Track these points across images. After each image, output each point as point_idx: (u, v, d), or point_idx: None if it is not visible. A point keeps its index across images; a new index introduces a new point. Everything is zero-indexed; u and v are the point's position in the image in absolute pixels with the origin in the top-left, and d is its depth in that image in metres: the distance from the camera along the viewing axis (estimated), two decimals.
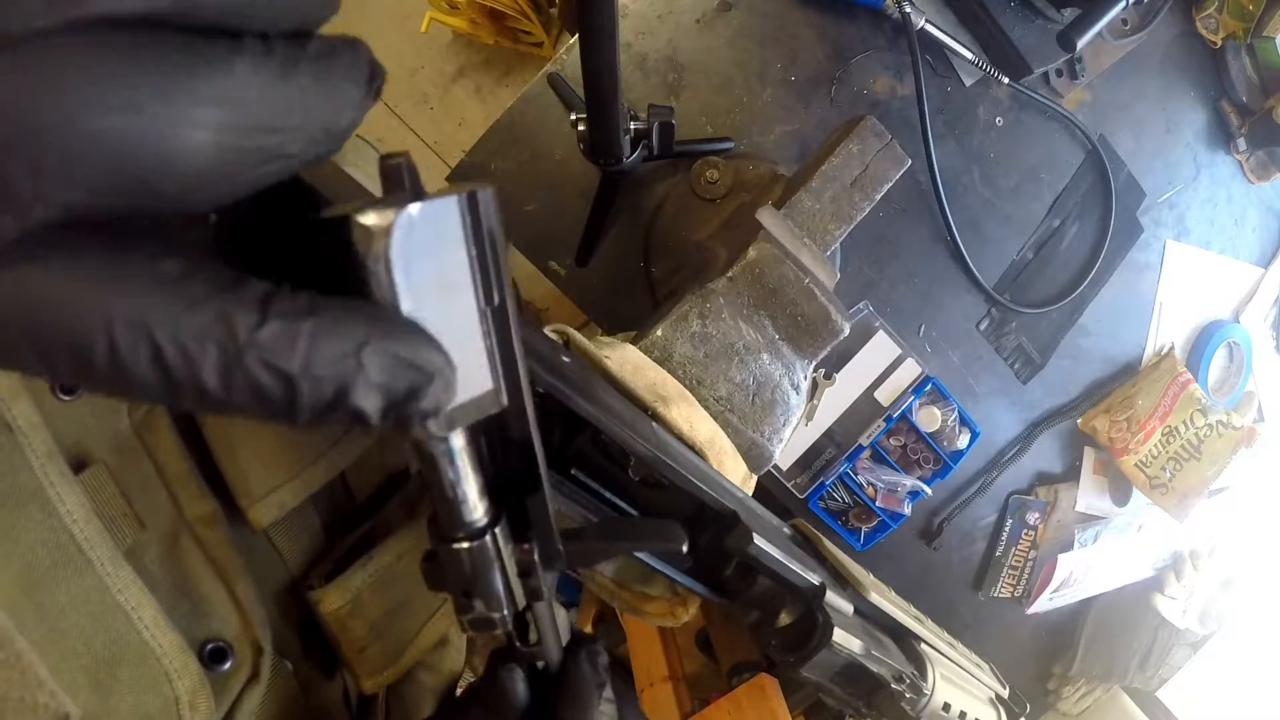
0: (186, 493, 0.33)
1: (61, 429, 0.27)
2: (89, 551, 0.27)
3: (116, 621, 0.27)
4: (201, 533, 0.33)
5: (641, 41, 0.68)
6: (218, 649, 0.32)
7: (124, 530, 0.29)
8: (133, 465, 0.31)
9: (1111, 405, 0.86)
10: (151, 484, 0.31)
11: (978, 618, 0.90)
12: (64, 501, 0.26)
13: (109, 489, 0.29)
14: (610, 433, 0.32)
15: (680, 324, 0.45)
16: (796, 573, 0.36)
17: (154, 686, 0.28)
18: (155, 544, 0.31)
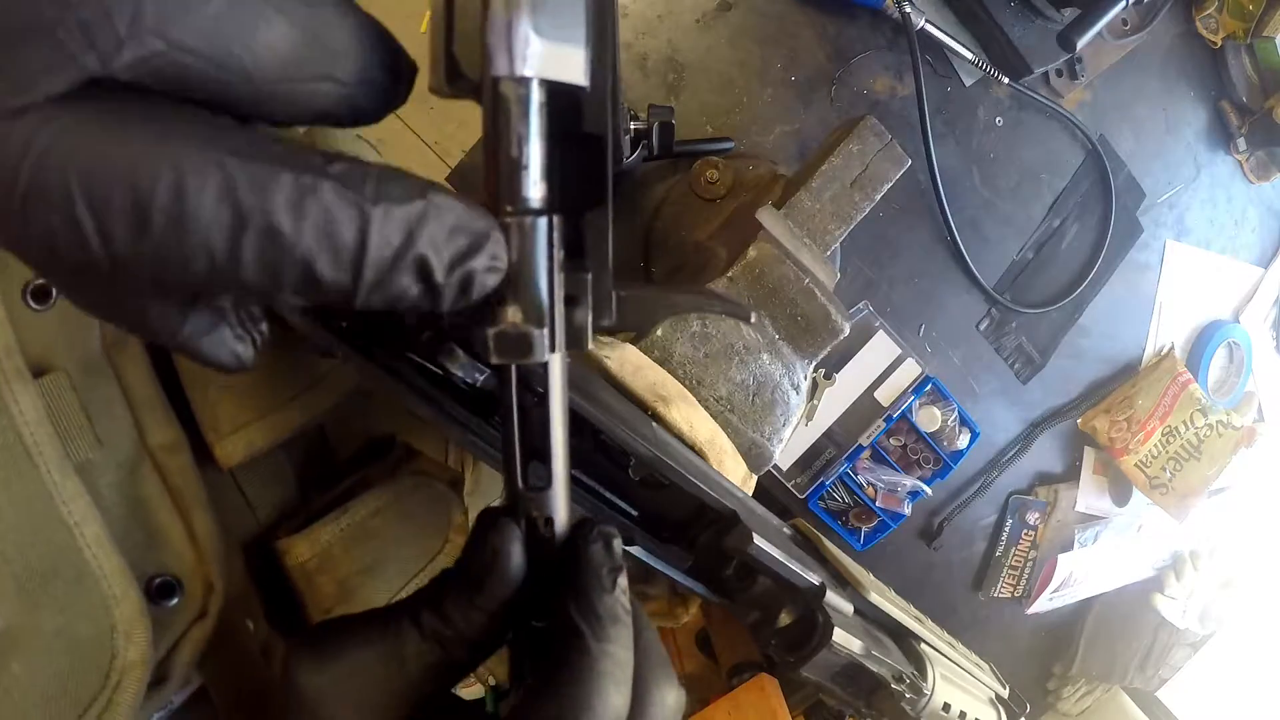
0: (151, 418, 0.31)
1: (28, 336, 0.26)
2: (36, 456, 0.25)
3: (57, 534, 0.26)
4: (163, 460, 0.31)
5: (641, 41, 0.68)
6: (166, 583, 0.30)
7: (79, 444, 0.28)
8: (98, 384, 0.29)
9: (1111, 405, 0.86)
10: (116, 406, 0.30)
11: (977, 618, 0.90)
12: (17, 401, 0.25)
13: (68, 398, 0.27)
14: (610, 433, 0.32)
15: (680, 324, 0.45)
16: (796, 573, 0.36)
17: (88, 610, 0.26)
18: (113, 469, 0.29)
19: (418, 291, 0.16)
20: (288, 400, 0.36)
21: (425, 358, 0.31)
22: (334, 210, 0.14)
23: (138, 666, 0.27)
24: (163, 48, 0.13)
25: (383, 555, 0.40)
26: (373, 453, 0.45)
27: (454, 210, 0.16)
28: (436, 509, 0.43)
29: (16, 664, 0.25)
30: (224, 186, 0.13)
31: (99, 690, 0.26)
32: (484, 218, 0.17)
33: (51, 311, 0.27)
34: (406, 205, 0.15)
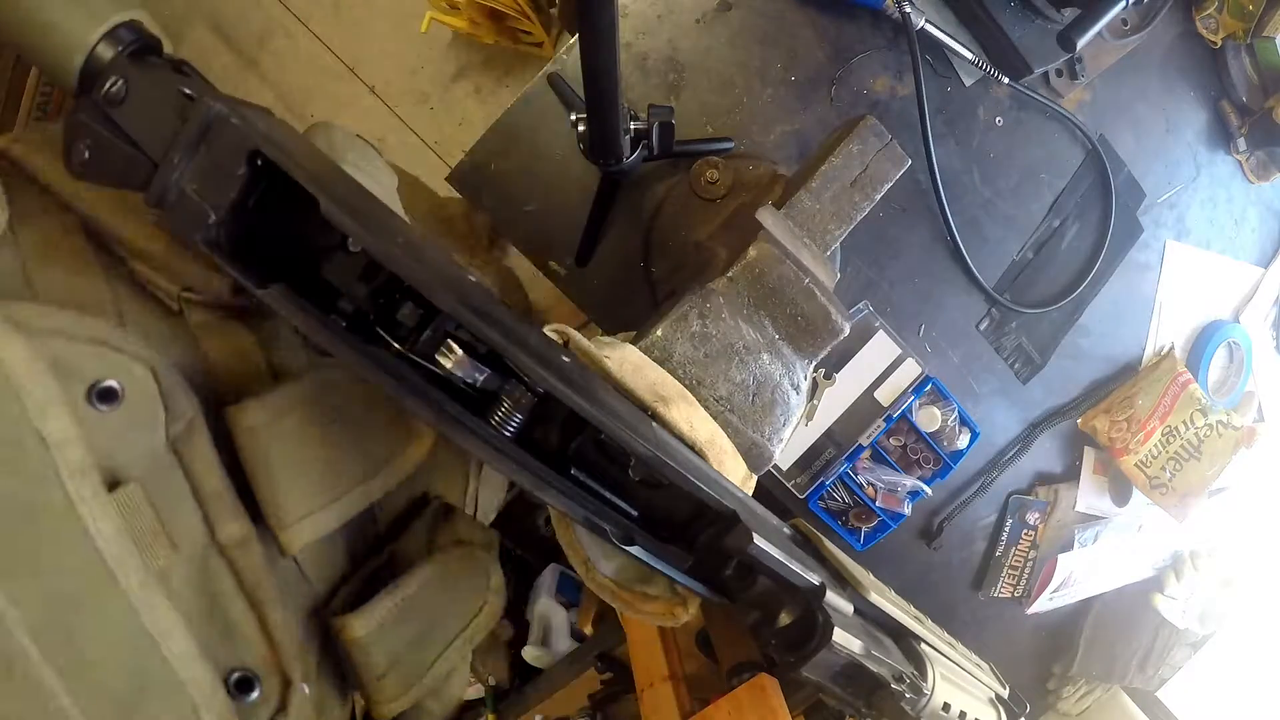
0: (220, 511, 0.32)
1: (96, 441, 0.26)
2: (119, 575, 0.26)
3: (144, 649, 0.26)
4: (235, 556, 0.32)
5: (641, 41, 0.68)
6: (244, 678, 0.31)
7: (155, 552, 0.28)
8: (167, 481, 0.30)
9: (1111, 405, 0.86)
10: (184, 502, 0.30)
11: (978, 618, 0.90)
12: (95, 521, 0.25)
13: (143, 509, 0.28)
14: (610, 433, 0.32)
15: (680, 324, 0.45)
16: (796, 573, 0.36)
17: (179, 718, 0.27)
18: (185, 566, 0.30)
19: None
20: (351, 488, 0.37)
21: (424, 358, 0.31)
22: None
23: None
24: None
25: (429, 624, 0.43)
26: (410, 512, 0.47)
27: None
28: (476, 575, 0.46)
29: None
30: None
31: None
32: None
33: (117, 413, 0.28)
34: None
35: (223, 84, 1.78)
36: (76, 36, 0.32)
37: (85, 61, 0.32)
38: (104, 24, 0.33)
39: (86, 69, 0.32)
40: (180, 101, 0.31)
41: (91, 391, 0.27)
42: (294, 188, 0.28)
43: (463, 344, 0.31)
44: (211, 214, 0.28)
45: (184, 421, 0.31)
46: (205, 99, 0.29)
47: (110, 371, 0.27)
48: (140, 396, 0.28)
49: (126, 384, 0.28)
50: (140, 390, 0.28)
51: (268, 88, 1.67)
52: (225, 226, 0.29)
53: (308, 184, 0.27)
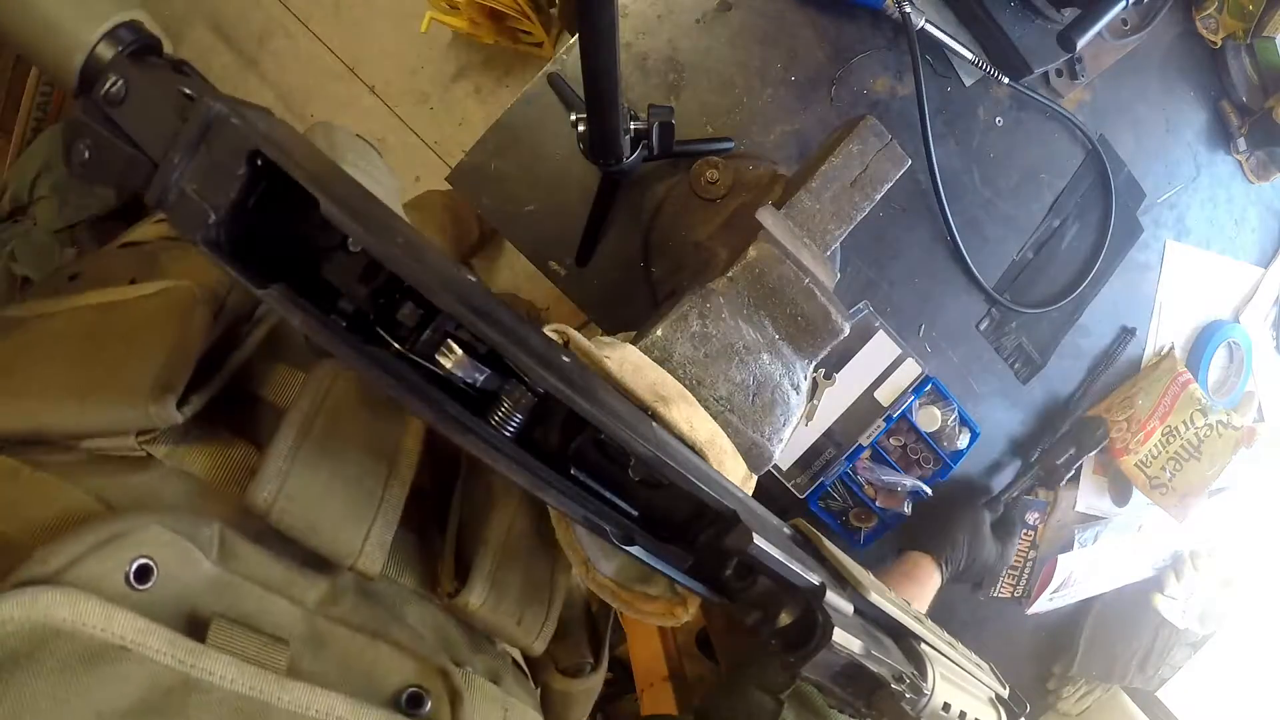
0: (299, 587, 0.33)
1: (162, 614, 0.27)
2: (262, 695, 0.27)
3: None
4: (331, 612, 0.33)
5: (641, 41, 0.68)
6: (413, 695, 0.32)
7: (274, 656, 0.29)
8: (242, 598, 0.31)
9: (1111, 405, 0.86)
10: (267, 602, 0.32)
11: (977, 618, 0.90)
12: (213, 672, 0.27)
13: (239, 633, 0.29)
14: (610, 433, 0.32)
15: (680, 324, 0.45)
16: (796, 573, 0.36)
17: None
18: (306, 648, 0.31)
19: None
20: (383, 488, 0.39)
21: (424, 358, 0.31)
22: None
23: None
24: None
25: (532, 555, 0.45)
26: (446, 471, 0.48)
27: None
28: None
29: None
30: None
31: None
32: None
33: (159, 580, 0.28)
34: None
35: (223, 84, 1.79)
36: (77, 36, 0.32)
37: (85, 61, 0.32)
38: (104, 24, 0.33)
39: (86, 69, 0.33)
40: (180, 101, 0.31)
41: (128, 579, 0.28)
42: (294, 188, 0.28)
43: (463, 344, 0.31)
44: (211, 214, 0.28)
45: (215, 543, 0.32)
46: (205, 99, 0.29)
47: (130, 553, 0.28)
48: (167, 552, 0.29)
49: (151, 551, 0.28)
50: (163, 546, 0.29)
51: (268, 88, 1.67)
52: (225, 226, 0.29)
53: (308, 184, 0.27)
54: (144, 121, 0.31)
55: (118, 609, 0.26)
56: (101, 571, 0.27)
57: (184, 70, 0.35)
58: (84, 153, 0.32)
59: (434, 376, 0.31)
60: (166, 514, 0.31)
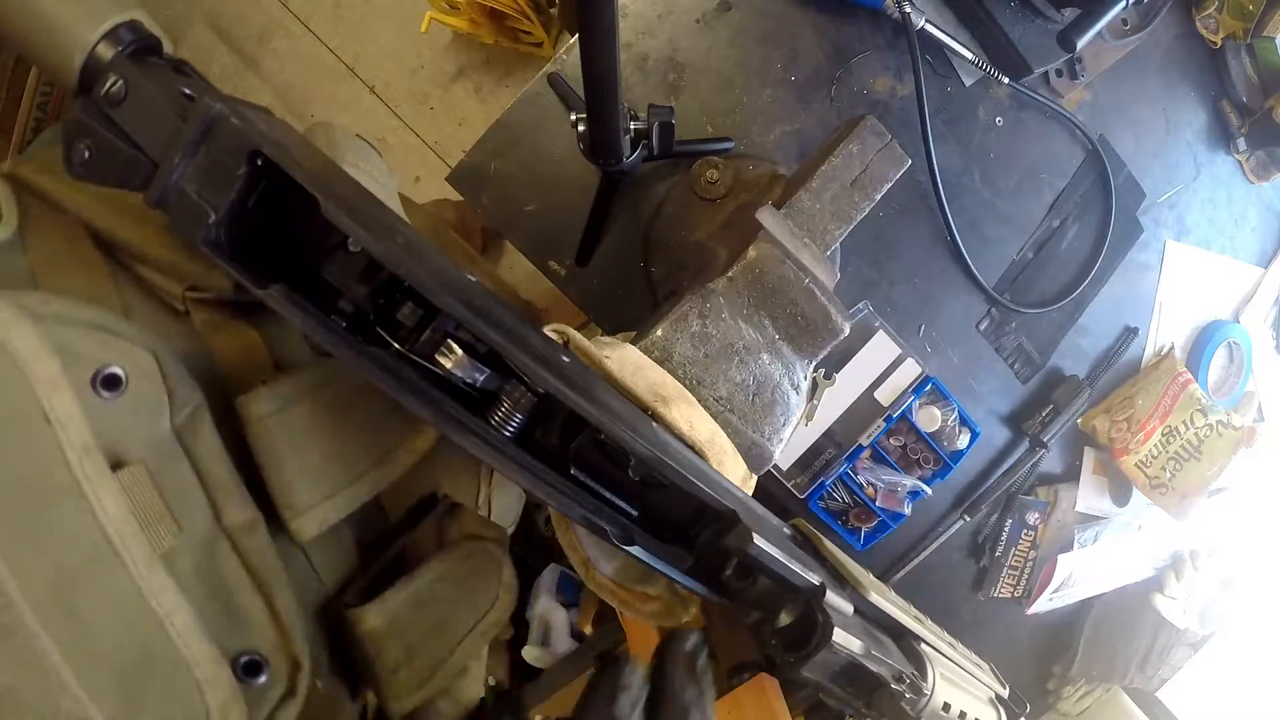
0: (226, 499, 0.32)
1: (101, 426, 0.26)
2: (123, 553, 0.26)
3: (148, 628, 0.26)
4: (241, 541, 0.32)
5: (641, 41, 0.68)
6: (252, 662, 0.31)
7: (160, 533, 0.28)
8: (172, 468, 0.30)
9: (1111, 405, 0.86)
10: (191, 489, 0.30)
11: (977, 618, 0.90)
12: (99, 499, 0.25)
13: (146, 489, 0.28)
14: (610, 433, 0.32)
15: (680, 324, 0.45)
16: (796, 573, 0.36)
17: (184, 697, 0.27)
18: (191, 550, 0.30)
19: None
20: (358, 476, 0.37)
21: (425, 358, 0.31)
22: None
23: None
24: None
25: (443, 617, 0.43)
26: (420, 510, 0.47)
27: None
28: (489, 568, 0.47)
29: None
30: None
31: None
32: None
33: (121, 400, 0.28)
34: None
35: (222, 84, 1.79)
36: (77, 36, 0.32)
37: (85, 61, 0.32)
38: (104, 23, 0.33)
39: (86, 68, 0.33)
40: (180, 101, 0.31)
41: (95, 378, 0.27)
42: (294, 188, 0.28)
43: (463, 344, 0.31)
44: (212, 214, 0.28)
45: (188, 410, 0.31)
46: (205, 99, 0.29)
47: (113, 357, 0.27)
48: (143, 383, 0.29)
49: (129, 370, 0.28)
50: (143, 376, 0.29)
51: (268, 88, 1.67)
52: (225, 226, 0.29)
53: (308, 184, 0.27)
54: (144, 121, 0.31)
55: (67, 388, 0.25)
56: (75, 346, 0.26)
57: (184, 70, 0.35)
58: (84, 152, 0.32)
59: (434, 376, 0.31)
60: (165, 352, 0.30)
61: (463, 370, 0.31)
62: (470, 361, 0.31)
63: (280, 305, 0.28)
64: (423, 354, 0.31)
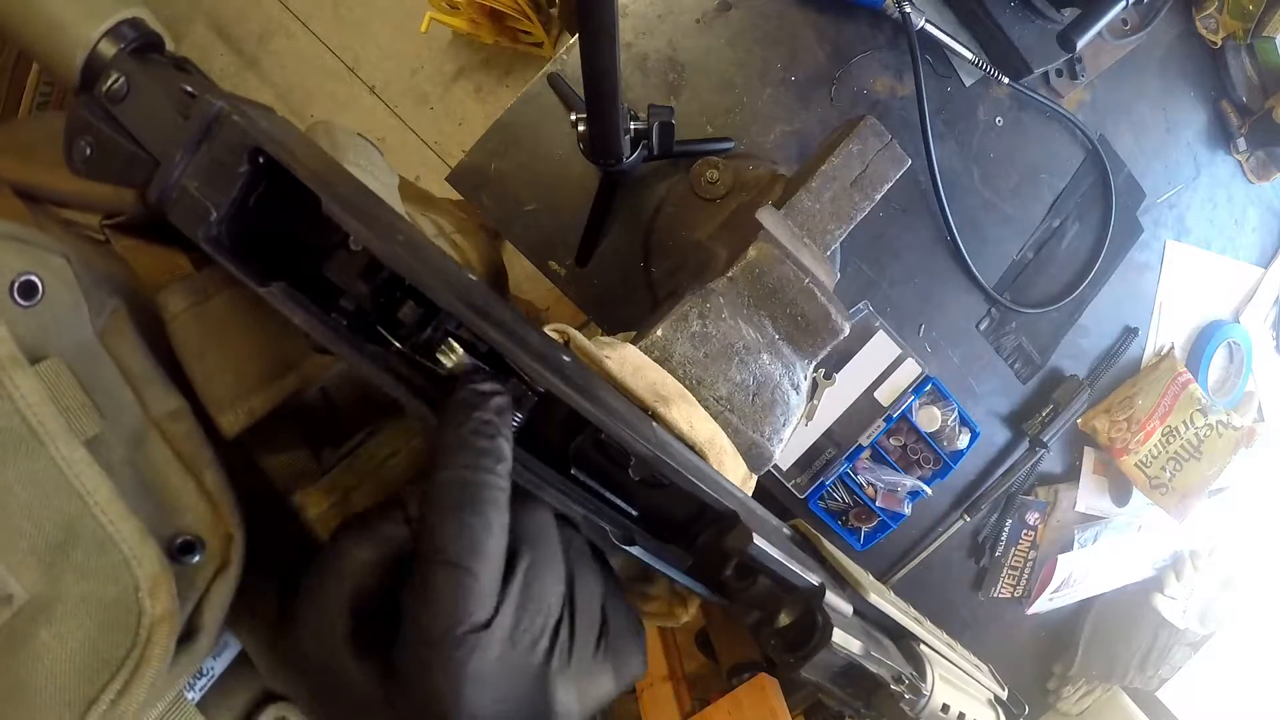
0: (152, 391, 0.31)
1: (21, 330, 0.26)
2: (41, 434, 0.26)
3: (70, 504, 0.26)
4: (168, 427, 0.31)
5: (641, 41, 0.68)
6: (186, 542, 0.30)
7: (82, 420, 0.28)
8: (95, 367, 0.30)
9: (1111, 405, 0.86)
10: (115, 385, 0.30)
11: (977, 618, 0.90)
12: (17, 385, 0.25)
13: (66, 380, 0.28)
14: (611, 432, 0.32)
15: (680, 324, 0.45)
16: (796, 573, 0.36)
17: (111, 573, 0.27)
18: (120, 444, 0.30)
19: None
20: (286, 369, 0.36)
21: (425, 356, 0.31)
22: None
23: (165, 620, 0.27)
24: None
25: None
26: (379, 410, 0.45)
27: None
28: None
29: (45, 631, 0.25)
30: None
31: (129, 648, 0.26)
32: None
33: (40, 306, 0.28)
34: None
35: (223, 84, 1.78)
36: (78, 33, 0.32)
37: (87, 58, 0.32)
38: (106, 21, 0.33)
39: (88, 66, 0.32)
40: (182, 99, 0.31)
41: (13, 286, 0.27)
42: (296, 186, 0.28)
43: (463, 343, 0.31)
44: (213, 211, 0.28)
45: (107, 312, 0.31)
46: (207, 96, 0.29)
47: (27, 265, 0.27)
48: (60, 287, 0.29)
49: (45, 276, 0.28)
50: (60, 281, 0.29)
51: (268, 87, 1.67)
52: (227, 224, 0.29)
53: (309, 182, 0.27)
54: (146, 119, 0.31)
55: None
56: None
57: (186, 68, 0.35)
58: (85, 150, 0.32)
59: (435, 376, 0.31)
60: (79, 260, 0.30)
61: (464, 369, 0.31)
62: (470, 360, 0.31)
63: (281, 303, 0.28)
64: (424, 353, 0.31)
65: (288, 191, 0.28)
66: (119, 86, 0.31)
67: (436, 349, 0.31)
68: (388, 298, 0.31)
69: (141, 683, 0.26)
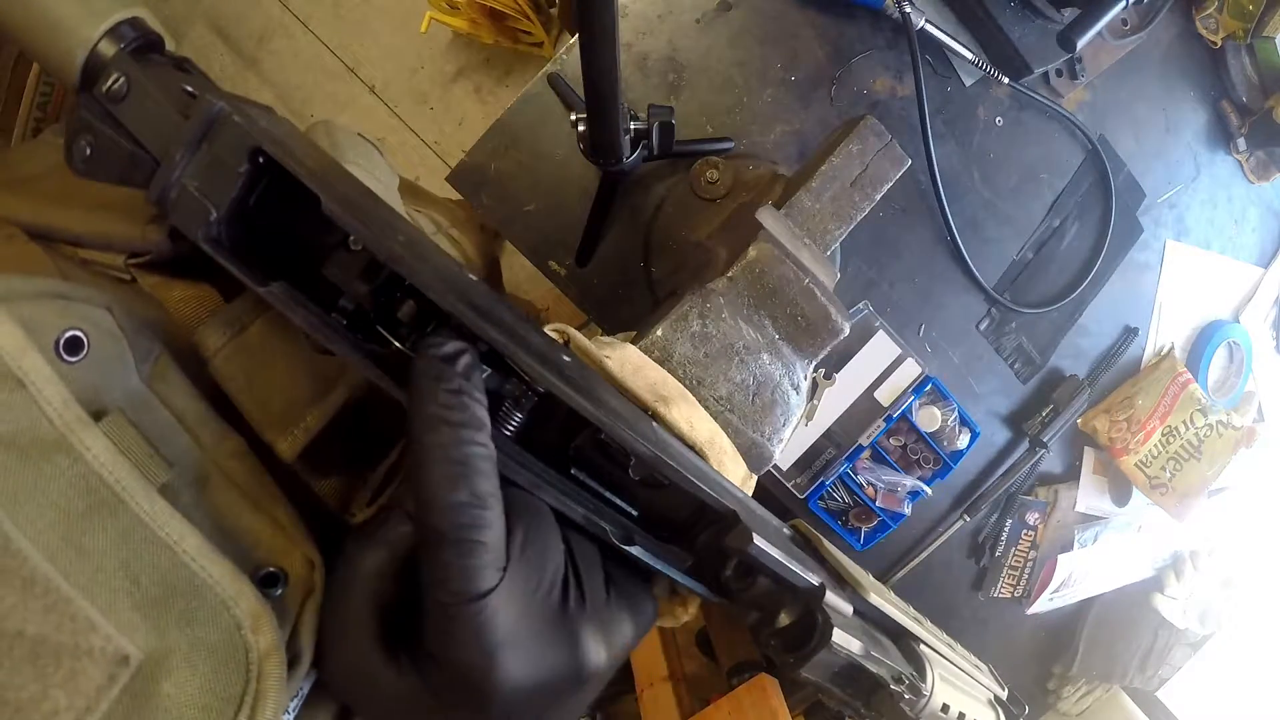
0: (208, 432, 0.32)
1: (75, 388, 0.27)
2: (121, 491, 0.26)
3: (161, 557, 0.27)
4: (231, 467, 0.32)
5: (641, 41, 0.68)
6: (269, 574, 0.31)
7: (153, 470, 0.28)
8: (150, 414, 0.30)
9: (1111, 405, 0.86)
10: (171, 429, 0.31)
11: (978, 618, 0.90)
12: (88, 447, 0.26)
13: (130, 433, 0.28)
14: (611, 432, 0.32)
15: (680, 324, 0.45)
16: (796, 573, 0.36)
17: (212, 617, 0.27)
18: (187, 488, 0.30)
19: None
20: (330, 385, 0.37)
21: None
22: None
23: (273, 653, 0.28)
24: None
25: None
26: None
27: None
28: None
29: (165, 684, 0.26)
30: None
31: (245, 685, 0.27)
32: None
33: (86, 361, 0.28)
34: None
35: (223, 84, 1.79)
36: (78, 33, 0.32)
37: (87, 58, 0.32)
38: (106, 20, 0.33)
39: (88, 66, 0.33)
40: (182, 99, 0.31)
41: (58, 344, 0.27)
42: (296, 185, 0.28)
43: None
44: (213, 211, 0.28)
45: (152, 358, 0.31)
46: (207, 96, 0.29)
47: (72, 321, 0.27)
48: (105, 339, 0.29)
49: (89, 330, 0.28)
50: (103, 333, 0.29)
51: (268, 87, 1.67)
52: (226, 224, 0.29)
53: (309, 182, 0.27)
54: (146, 118, 0.31)
55: (33, 349, 0.25)
56: (34, 317, 0.26)
57: (186, 68, 0.35)
58: (85, 150, 0.32)
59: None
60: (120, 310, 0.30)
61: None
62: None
63: (281, 303, 0.28)
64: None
65: (288, 191, 0.28)
66: (119, 86, 0.31)
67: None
68: (388, 297, 0.31)
69: (264, 713, 0.27)
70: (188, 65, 0.35)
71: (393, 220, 0.32)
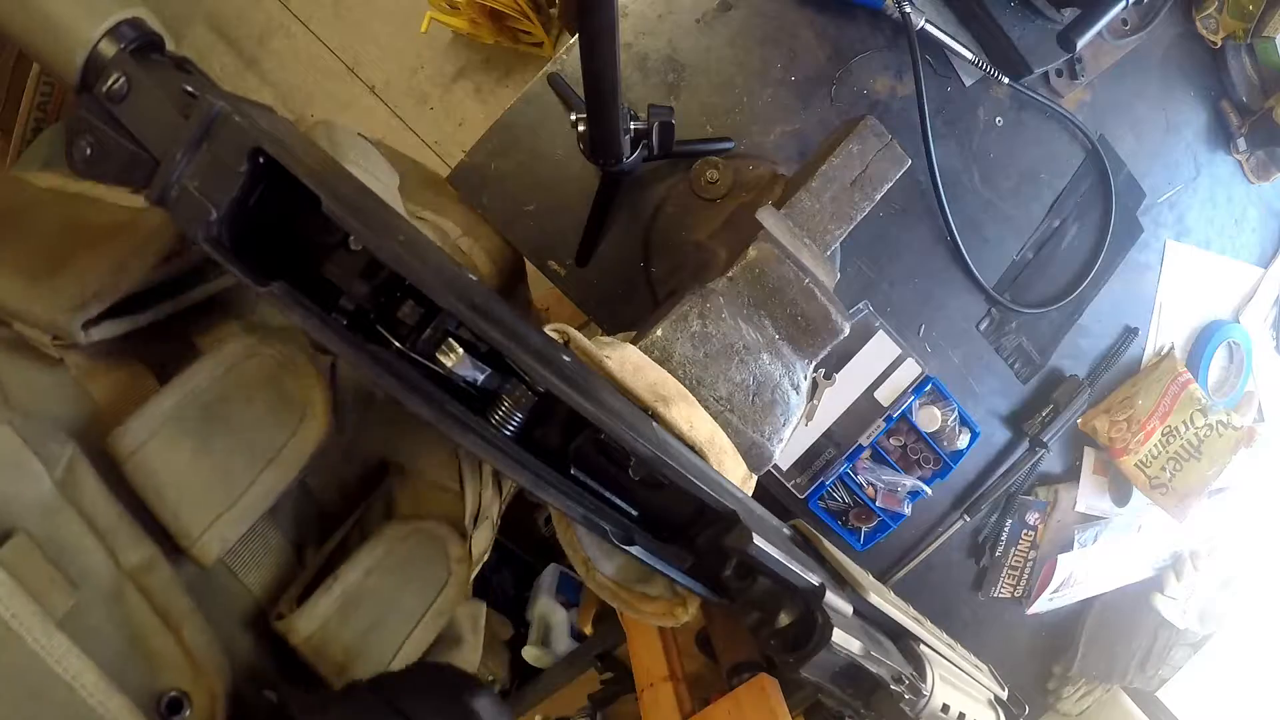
0: (120, 543, 0.32)
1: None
2: (16, 628, 0.26)
3: (58, 692, 0.27)
4: (143, 581, 0.32)
5: (641, 41, 0.68)
6: (173, 700, 0.31)
7: (54, 598, 0.28)
8: (61, 525, 0.30)
9: (1111, 405, 0.86)
10: (82, 539, 0.31)
11: (977, 618, 0.90)
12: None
13: (33, 559, 0.28)
14: (611, 432, 0.32)
15: (680, 324, 0.45)
16: (796, 573, 0.36)
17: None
18: (99, 604, 0.30)
19: None
20: (249, 484, 0.36)
21: (425, 356, 0.31)
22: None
23: None
24: None
25: (384, 610, 0.41)
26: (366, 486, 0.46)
27: None
28: (432, 550, 0.45)
29: None
30: None
31: None
32: None
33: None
34: None
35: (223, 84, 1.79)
36: (79, 33, 0.32)
37: (87, 58, 0.32)
38: (106, 20, 0.33)
39: (89, 66, 0.32)
40: (182, 99, 0.31)
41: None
42: (296, 185, 0.28)
43: (463, 343, 0.31)
44: (213, 211, 0.28)
45: (62, 464, 0.31)
46: (208, 96, 0.29)
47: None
48: (6, 453, 0.29)
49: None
50: (5, 447, 0.29)
51: (268, 87, 1.67)
52: (226, 224, 0.29)
53: (309, 182, 0.27)
54: (146, 118, 0.31)
55: None
56: None
57: (186, 68, 0.35)
58: (86, 150, 0.32)
59: (435, 375, 0.31)
60: (24, 418, 0.30)
61: (463, 369, 0.31)
62: (471, 360, 0.31)
63: (281, 303, 0.28)
64: (423, 352, 0.31)
65: (288, 191, 0.28)
66: (119, 86, 0.31)
67: (436, 349, 0.31)
68: (388, 297, 0.31)
69: None
70: (188, 65, 0.35)
71: (392, 220, 0.32)
